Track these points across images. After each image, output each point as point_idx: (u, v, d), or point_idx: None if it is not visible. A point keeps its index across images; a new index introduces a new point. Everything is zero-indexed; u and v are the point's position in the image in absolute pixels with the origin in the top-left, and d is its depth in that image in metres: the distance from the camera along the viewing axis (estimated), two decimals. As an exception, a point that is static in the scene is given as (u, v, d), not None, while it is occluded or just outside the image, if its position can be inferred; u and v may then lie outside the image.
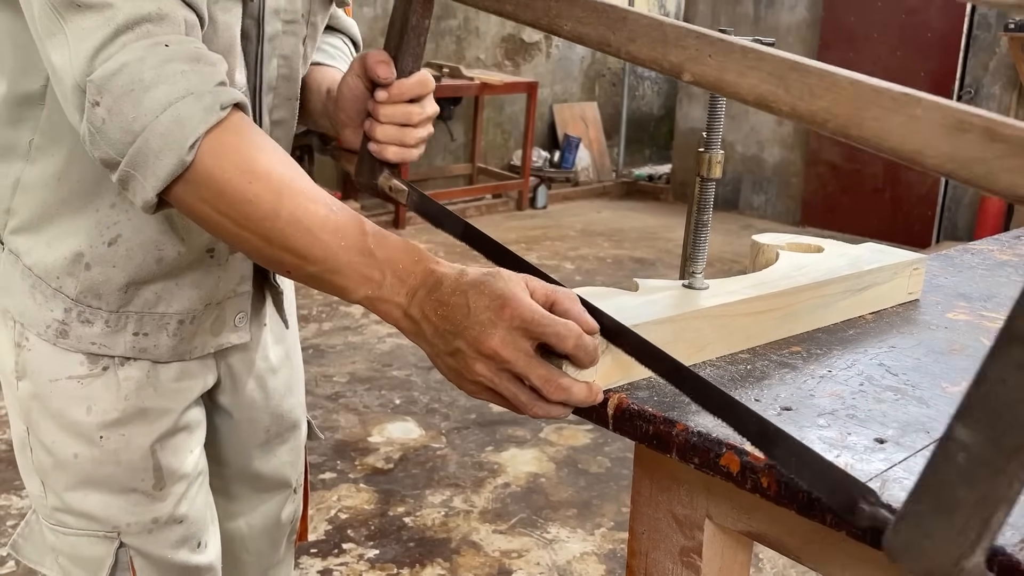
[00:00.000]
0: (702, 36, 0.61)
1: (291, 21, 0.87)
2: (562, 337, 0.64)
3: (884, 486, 0.58)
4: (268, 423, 1.06)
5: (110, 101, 0.67)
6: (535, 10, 0.71)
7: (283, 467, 1.10)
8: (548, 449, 2.72)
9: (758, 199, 6.07)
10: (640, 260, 4.89)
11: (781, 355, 0.81)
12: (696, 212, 0.85)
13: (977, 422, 0.44)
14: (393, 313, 0.69)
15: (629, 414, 0.70)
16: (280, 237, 0.69)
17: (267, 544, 1.13)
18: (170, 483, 0.93)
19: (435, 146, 5.86)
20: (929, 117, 0.50)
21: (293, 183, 0.70)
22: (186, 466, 0.95)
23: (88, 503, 0.91)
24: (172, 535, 0.94)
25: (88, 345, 0.88)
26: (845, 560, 0.65)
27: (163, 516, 0.93)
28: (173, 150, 0.68)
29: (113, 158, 0.69)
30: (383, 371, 3.22)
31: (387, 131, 0.86)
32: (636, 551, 0.79)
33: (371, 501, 2.38)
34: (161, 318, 0.89)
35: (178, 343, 0.91)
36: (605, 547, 2.23)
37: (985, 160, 0.48)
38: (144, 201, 0.71)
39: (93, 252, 0.85)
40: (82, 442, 0.89)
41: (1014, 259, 1.22)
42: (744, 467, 0.63)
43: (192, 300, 0.90)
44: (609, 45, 0.66)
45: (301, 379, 1.13)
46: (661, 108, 7.37)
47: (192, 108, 0.68)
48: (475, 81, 5.35)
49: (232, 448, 1.06)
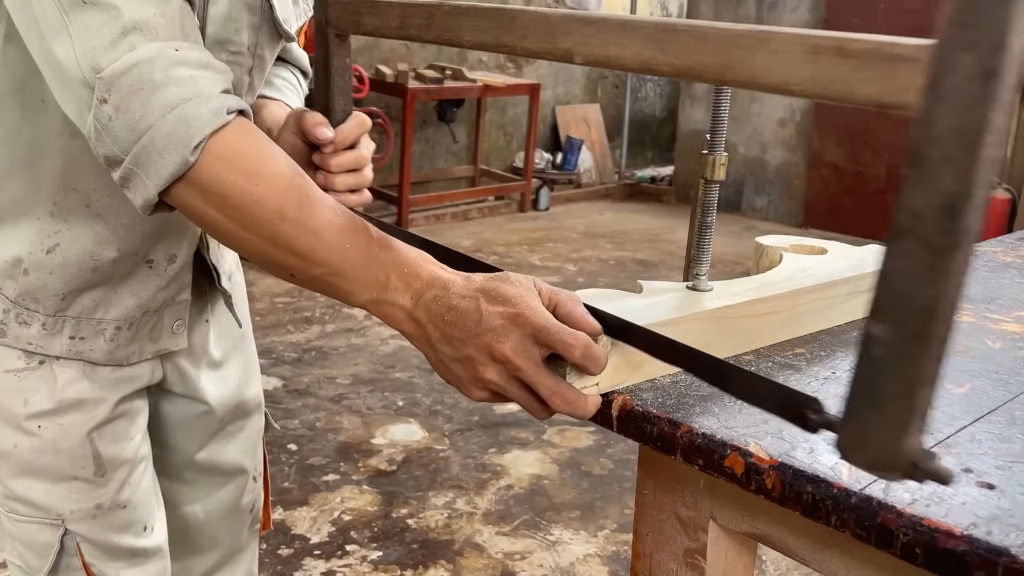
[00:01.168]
0: (583, 19, 0.65)
1: (236, 52, 0.88)
2: (569, 346, 0.65)
3: (889, 488, 0.58)
4: (221, 414, 1.08)
5: (118, 99, 0.68)
6: (436, 28, 0.77)
7: (238, 455, 1.12)
8: (551, 451, 2.72)
9: (760, 201, 6.07)
10: (643, 262, 4.89)
11: (785, 357, 0.81)
12: (700, 214, 0.85)
13: (884, 316, 0.48)
14: (397, 316, 0.70)
15: (633, 415, 0.70)
16: (285, 239, 0.69)
17: (225, 530, 1.15)
18: (111, 470, 0.95)
19: (437, 148, 5.87)
20: (787, 48, 0.54)
21: (299, 186, 0.71)
22: (126, 452, 0.96)
23: (32, 492, 0.93)
24: (116, 520, 0.96)
25: (25, 344, 0.90)
26: (849, 561, 0.65)
27: (106, 502, 0.95)
28: (178, 149, 0.68)
29: (117, 155, 0.70)
30: (386, 373, 3.22)
31: (344, 179, 0.91)
32: (640, 553, 0.79)
33: (374, 503, 2.38)
34: (98, 324, 0.92)
35: (115, 348, 0.93)
36: (608, 549, 2.23)
37: (842, 77, 0.51)
38: (144, 200, 0.71)
39: (32, 259, 0.88)
40: (20, 433, 0.91)
41: (1018, 261, 1.22)
42: (748, 468, 0.63)
43: (130, 308, 0.93)
44: (505, 45, 0.71)
45: (256, 371, 1.15)
46: (664, 110, 7.37)
47: (199, 109, 0.69)
48: (477, 83, 5.36)
49: (183, 436, 1.07)
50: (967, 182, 0.44)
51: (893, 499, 0.57)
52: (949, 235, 0.44)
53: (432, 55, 5.67)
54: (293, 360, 3.30)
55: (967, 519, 0.55)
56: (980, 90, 0.43)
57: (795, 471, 0.61)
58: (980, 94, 0.43)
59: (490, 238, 5.21)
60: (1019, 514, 0.56)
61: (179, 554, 1.13)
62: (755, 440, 0.64)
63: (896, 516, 0.56)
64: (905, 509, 0.56)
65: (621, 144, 6.83)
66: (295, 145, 0.91)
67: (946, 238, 0.45)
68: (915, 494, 0.57)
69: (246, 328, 1.13)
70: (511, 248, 5.02)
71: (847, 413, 0.51)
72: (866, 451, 0.51)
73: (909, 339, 0.47)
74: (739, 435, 0.65)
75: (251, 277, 3.32)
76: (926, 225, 0.45)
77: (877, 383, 0.49)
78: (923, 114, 0.45)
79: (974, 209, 0.44)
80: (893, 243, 0.47)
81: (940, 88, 0.44)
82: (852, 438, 0.52)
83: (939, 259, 0.45)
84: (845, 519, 0.58)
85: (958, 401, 0.73)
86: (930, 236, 0.45)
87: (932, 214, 0.45)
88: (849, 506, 0.58)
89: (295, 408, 2.91)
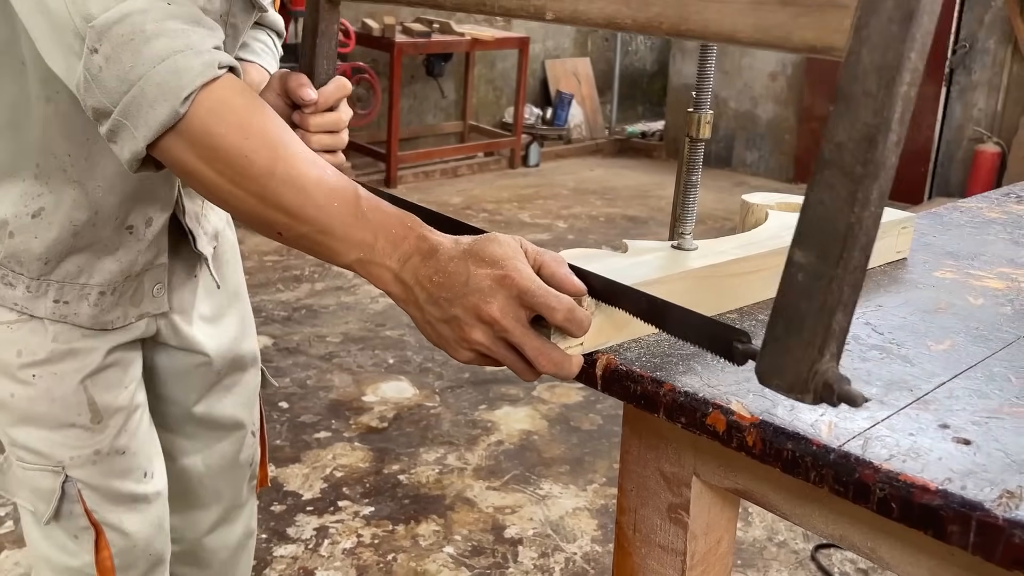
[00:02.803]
0: None
1: None
2: (552, 309, 0.65)
3: (867, 444, 0.59)
4: (218, 366, 1.10)
5: (109, 49, 0.68)
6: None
7: (236, 408, 1.14)
8: (541, 407, 2.75)
9: (751, 156, 6.05)
10: (633, 218, 4.88)
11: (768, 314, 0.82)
12: (685, 173, 0.85)
13: (807, 243, 0.52)
14: (384, 277, 0.70)
15: (617, 375, 0.71)
16: (274, 196, 0.69)
17: (226, 484, 1.18)
18: (107, 416, 0.97)
19: (426, 104, 5.81)
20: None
21: (289, 143, 0.71)
22: (120, 400, 0.98)
23: (32, 439, 0.95)
24: (115, 466, 0.98)
25: (12, 304, 0.92)
26: (828, 515, 0.66)
27: (104, 448, 0.97)
28: (168, 100, 0.68)
29: (106, 107, 0.69)
30: (376, 331, 3.23)
31: (321, 139, 0.91)
32: (625, 508, 0.81)
33: (366, 459, 2.41)
34: (82, 288, 0.93)
35: (99, 312, 0.95)
36: (597, 502, 2.26)
37: (783, 23, 0.55)
38: (132, 153, 0.71)
39: (17, 222, 0.89)
40: (15, 382, 0.93)
41: (1002, 217, 1.22)
42: (730, 426, 0.64)
43: (113, 273, 0.94)
44: (484, 4, 0.74)
45: (251, 327, 1.16)
46: (654, 64, 7.30)
47: (191, 62, 0.68)
48: (466, 37, 5.28)
49: (180, 388, 1.09)
50: (884, 115, 0.48)
51: (870, 455, 0.58)
52: (867, 164, 0.48)
53: (419, 9, 5.57)
54: (283, 319, 3.30)
55: (943, 474, 0.56)
56: (899, 30, 0.47)
57: (775, 428, 0.62)
58: (899, 34, 0.47)
59: (480, 195, 5.19)
60: (994, 469, 0.57)
61: (183, 507, 1.15)
62: (737, 398, 0.65)
63: (873, 472, 0.57)
64: (882, 465, 0.57)
65: (611, 99, 6.77)
66: (277, 104, 0.92)
67: (864, 167, 0.49)
68: (892, 450, 0.58)
69: (239, 284, 1.15)
70: (501, 205, 5.00)
71: (767, 339, 0.55)
72: (782, 374, 0.54)
73: (828, 264, 0.50)
74: (721, 393, 0.66)
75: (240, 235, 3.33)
76: (846, 155, 0.49)
77: (796, 307, 0.52)
78: (849, 54, 0.49)
79: (890, 142, 0.48)
80: (817, 173, 0.51)
81: (865, 30, 0.48)
82: (771, 362, 0.55)
83: (858, 187, 0.49)
84: (824, 475, 0.59)
85: (938, 358, 0.74)
86: (849, 166, 0.49)
87: (852, 145, 0.49)
88: (828, 462, 0.59)
89: (286, 366, 2.92)
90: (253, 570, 1.94)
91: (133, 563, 1.01)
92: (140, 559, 1.02)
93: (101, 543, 0.98)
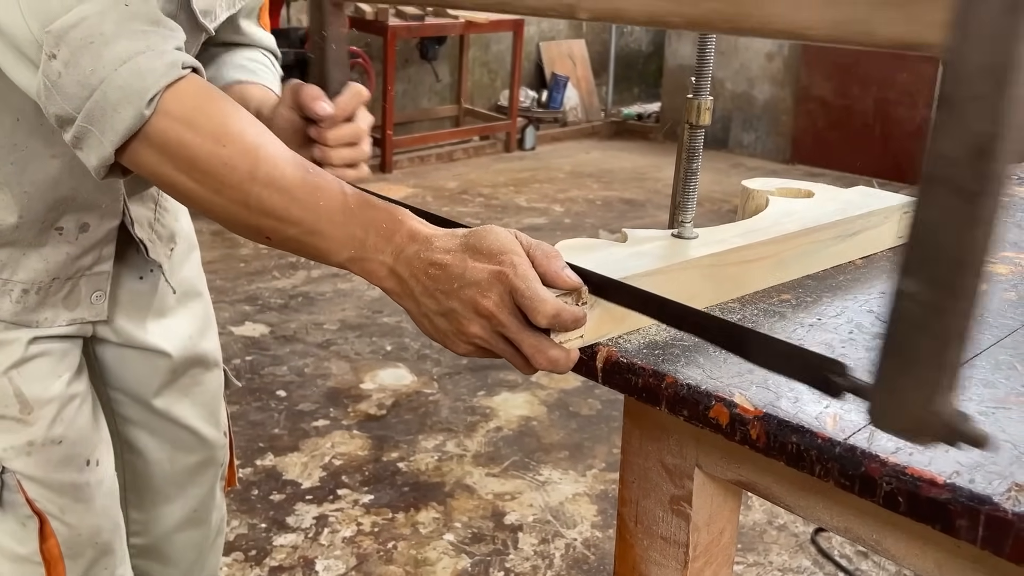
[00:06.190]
0: None
1: None
2: (536, 312, 0.63)
3: (873, 437, 0.58)
4: (174, 361, 1.08)
5: (67, 53, 0.65)
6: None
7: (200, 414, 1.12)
8: (539, 392, 2.74)
9: (748, 137, 6.02)
10: (630, 201, 4.86)
11: (771, 303, 0.81)
12: (685, 160, 0.83)
13: (916, 270, 0.46)
14: (378, 272, 0.68)
15: (618, 367, 0.70)
16: (257, 201, 0.67)
17: (193, 483, 1.16)
18: (37, 407, 0.94)
19: (420, 87, 5.77)
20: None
21: (267, 144, 0.69)
22: (52, 391, 0.95)
23: None
24: (53, 456, 0.96)
25: None
26: (833, 508, 0.65)
27: (38, 439, 0.95)
28: (132, 103, 0.66)
29: (69, 113, 0.67)
30: (373, 318, 3.22)
31: (341, 154, 0.87)
32: (627, 499, 0.80)
33: (365, 447, 2.40)
34: (5, 284, 0.90)
35: (21, 310, 0.92)
36: (597, 488, 2.26)
37: (863, 19, 0.48)
38: (100, 159, 0.69)
39: None
40: None
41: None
42: (733, 419, 0.63)
43: (38, 272, 0.91)
44: (508, 4, 0.68)
45: (213, 328, 1.14)
46: (650, 45, 7.25)
47: (153, 63, 0.67)
48: (460, 19, 5.24)
49: (132, 380, 1.07)
50: (998, 122, 0.42)
51: (876, 448, 0.57)
52: (981, 179, 0.43)
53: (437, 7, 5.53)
54: (279, 306, 3.29)
55: (950, 467, 0.55)
56: (1008, 23, 0.41)
57: (780, 421, 0.61)
58: (1008, 27, 0.41)
59: (476, 179, 5.16)
60: (1002, 462, 0.56)
61: (147, 501, 1.14)
62: (740, 390, 0.64)
63: (879, 465, 0.56)
64: (888, 458, 0.56)
65: (607, 81, 6.73)
66: (292, 120, 0.88)
67: (978, 183, 0.43)
68: (898, 442, 0.57)
69: (195, 280, 1.12)
70: (497, 189, 4.98)
71: (877, 378, 0.49)
72: (899, 417, 0.49)
73: (941, 290, 0.45)
74: (724, 385, 0.65)
75: (234, 223, 3.29)
76: (956, 170, 0.43)
77: (911, 342, 0.47)
78: (950, 53, 0.42)
79: (1006, 152, 0.42)
80: (923, 192, 0.44)
81: (966, 25, 0.42)
82: (885, 404, 0.50)
83: (971, 205, 0.43)
84: (829, 468, 0.58)
85: (943, 346, 0.73)
86: (961, 182, 0.43)
87: (962, 158, 0.43)
88: (833, 456, 0.58)
89: (283, 354, 2.91)
90: (254, 559, 1.94)
91: (80, 552, 1.00)
92: (87, 548, 1.01)
93: (46, 531, 0.97)
